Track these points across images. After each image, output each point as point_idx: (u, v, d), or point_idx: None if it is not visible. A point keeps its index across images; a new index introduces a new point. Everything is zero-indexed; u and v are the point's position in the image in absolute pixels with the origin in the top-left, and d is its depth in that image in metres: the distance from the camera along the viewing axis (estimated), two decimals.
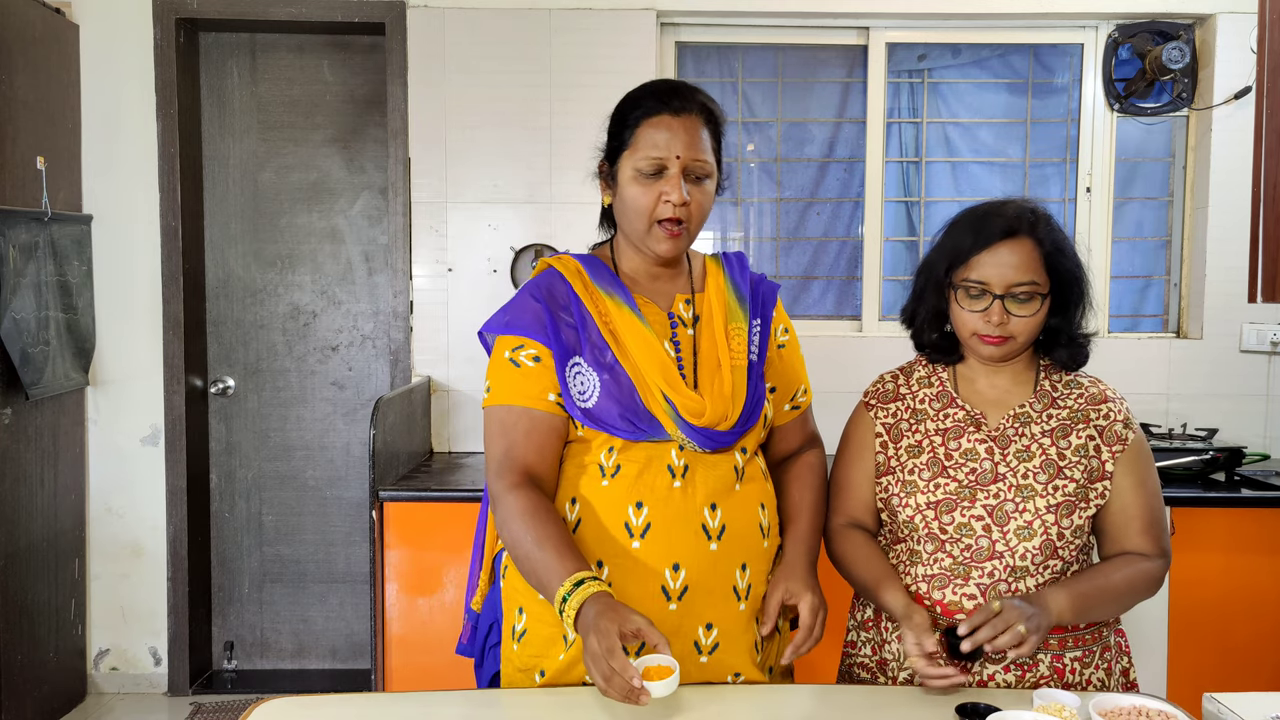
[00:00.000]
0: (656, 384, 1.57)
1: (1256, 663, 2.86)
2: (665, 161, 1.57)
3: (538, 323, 1.60)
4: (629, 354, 1.59)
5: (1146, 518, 1.64)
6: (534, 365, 1.59)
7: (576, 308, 1.62)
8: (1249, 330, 3.48)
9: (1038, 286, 1.60)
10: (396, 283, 3.56)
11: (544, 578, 1.48)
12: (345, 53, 3.71)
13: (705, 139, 1.61)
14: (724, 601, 1.59)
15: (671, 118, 1.59)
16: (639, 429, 1.56)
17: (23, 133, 3.19)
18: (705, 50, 3.67)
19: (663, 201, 1.58)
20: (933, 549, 1.64)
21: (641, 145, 1.59)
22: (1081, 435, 1.64)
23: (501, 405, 1.60)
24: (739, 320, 1.69)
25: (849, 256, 3.72)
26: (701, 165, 1.59)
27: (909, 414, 1.73)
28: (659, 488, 1.57)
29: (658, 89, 1.64)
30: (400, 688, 2.87)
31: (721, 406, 1.59)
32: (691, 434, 1.57)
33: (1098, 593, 1.59)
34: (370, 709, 1.58)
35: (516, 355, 1.60)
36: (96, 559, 3.64)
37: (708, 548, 1.57)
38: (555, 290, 1.64)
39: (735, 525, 1.60)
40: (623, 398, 1.57)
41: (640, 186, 1.59)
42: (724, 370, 1.62)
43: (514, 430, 1.59)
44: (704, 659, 1.59)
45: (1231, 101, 3.45)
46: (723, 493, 1.60)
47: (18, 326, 3.10)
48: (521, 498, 1.54)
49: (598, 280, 1.65)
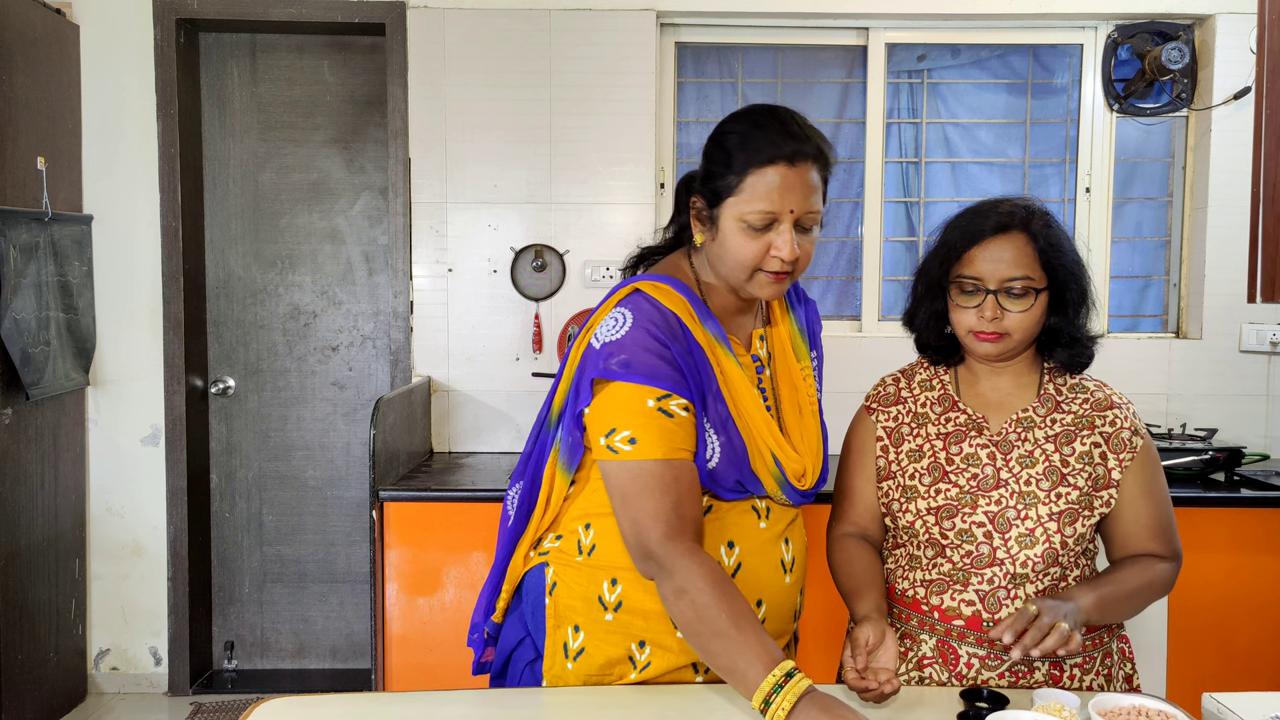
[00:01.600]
0: (768, 445, 1.52)
1: (1256, 663, 2.86)
2: (778, 215, 1.47)
3: (675, 372, 1.47)
4: (742, 412, 1.51)
5: (1157, 524, 1.63)
6: (686, 415, 1.47)
7: (699, 356, 1.50)
8: (1249, 330, 3.48)
9: (1032, 281, 1.58)
10: (397, 283, 3.56)
11: (742, 660, 1.36)
12: (345, 53, 3.71)
13: (818, 187, 1.50)
14: (786, 624, 1.64)
15: (787, 168, 1.46)
16: (744, 490, 1.53)
17: (23, 133, 3.19)
18: (705, 50, 3.67)
19: (772, 255, 1.48)
20: (933, 554, 1.63)
21: (751, 195, 1.47)
22: (1086, 442, 1.63)
23: (658, 460, 1.45)
24: (805, 358, 1.64)
25: (849, 257, 3.72)
26: (813, 217, 1.50)
27: (910, 418, 1.72)
28: (746, 526, 1.56)
29: (771, 128, 1.49)
30: (400, 688, 2.87)
31: (814, 461, 1.58)
32: (790, 494, 1.56)
33: (1117, 594, 1.58)
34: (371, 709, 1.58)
35: (667, 405, 1.46)
36: (97, 559, 3.64)
37: (783, 581, 1.60)
38: (674, 331, 1.49)
39: (799, 557, 1.64)
40: (737, 461, 1.50)
41: (746, 238, 1.48)
42: (806, 417, 1.60)
43: (678, 485, 1.45)
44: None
45: (1231, 102, 3.45)
46: (792, 528, 1.63)
47: (18, 326, 3.10)
48: (706, 567, 1.42)
49: (703, 321, 1.52)
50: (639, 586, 1.54)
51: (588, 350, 1.53)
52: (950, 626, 1.61)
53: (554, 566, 1.62)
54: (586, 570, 1.59)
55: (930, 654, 1.63)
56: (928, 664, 1.63)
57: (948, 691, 1.55)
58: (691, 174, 1.61)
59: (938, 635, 1.62)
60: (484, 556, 2.88)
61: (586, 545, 1.59)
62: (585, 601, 1.58)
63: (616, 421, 1.47)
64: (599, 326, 1.54)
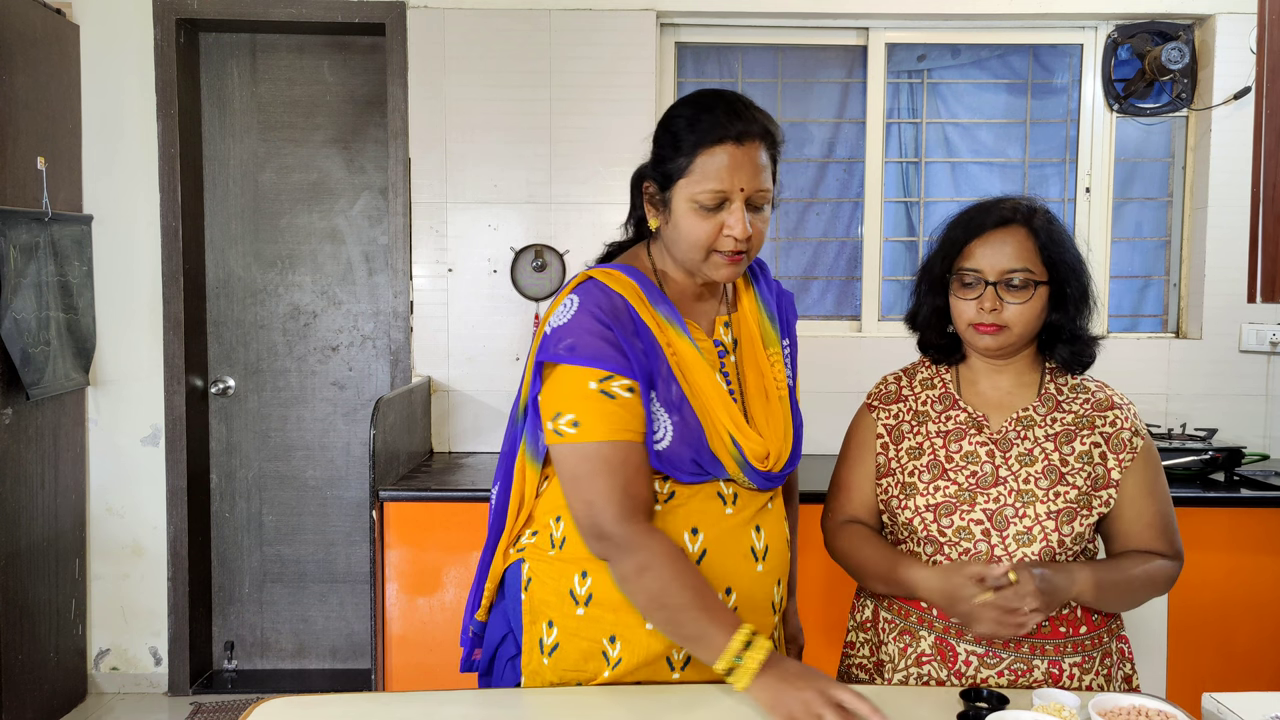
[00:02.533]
0: (725, 426, 1.52)
1: (1256, 663, 2.86)
2: (728, 194, 1.49)
3: (618, 353, 1.48)
4: (696, 392, 1.52)
5: (1159, 523, 1.64)
6: (629, 396, 1.48)
7: (645, 337, 1.51)
8: (1248, 330, 3.48)
9: (1031, 274, 1.60)
10: (396, 283, 3.56)
11: (708, 629, 1.40)
12: (345, 53, 3.71)
13: (766, 165, 1.52)
14: (765, 617, 1.60)
15: (735, 146, 1.48)
16: (703, 473, 1.52)
17: (23, 133, 3.19)
18: (705, 50, 3.67)
19: (724, 235, 1.50)
20: (931, 551, 1.64)
21: (701, 175, 1.49)
22: (1086, 442, 1.63)
23: (602, 441, 1.46)
24: (774, 344, 1.64)
25: (848, 257, 3.72)
26: (765, 194, 1.51)
27: (910, 415, 1.72)
28: (711, 513, 1.54)
29: (715, 109, 1.51)
30: (400, 688, 2.87)
31: (779, 445, 1.57)
32: (753, 477, 1.55)
33: (1118, 581, 1.59)
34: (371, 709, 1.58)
35: (608, 386, 1.47)
36: (97, 559, 3.64)
37: (755, 570, 1.57)
38: (620, 314, 1.51)
39: (774, 545, 1.61)
40: (692, 441, 1.50)
41: (699, 218, 1.50)
42: (774, 402, 1.59)
43: (626, 467, 1.47)
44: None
45: (1231, 102, 3.45)
46: (764, 516, 1.60)
47: (18, 326, 3.11)
48: (667, 542, 1.45)
49: (654, 303, 1.54)
50: (609, 579, 1.54)
51: (541, 337, 1.55)
52: (949, 624, 1.61)
53: (529, 562, 1.62)
54: (558, 564, 1.59)
55: (929, 651, 1.63)
56: (926, 661, 1.63)
57: (947, 691, 1.55)
58: (644, 166, 1.63)
59: (936, 632, 1.63)
60: None
61: (558, 539, 1.59)
62: (558, 596, 1.58)
63: (561, 405, 1.49)
64: (552, 314, 1.56)
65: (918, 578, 1.59)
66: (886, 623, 1.69)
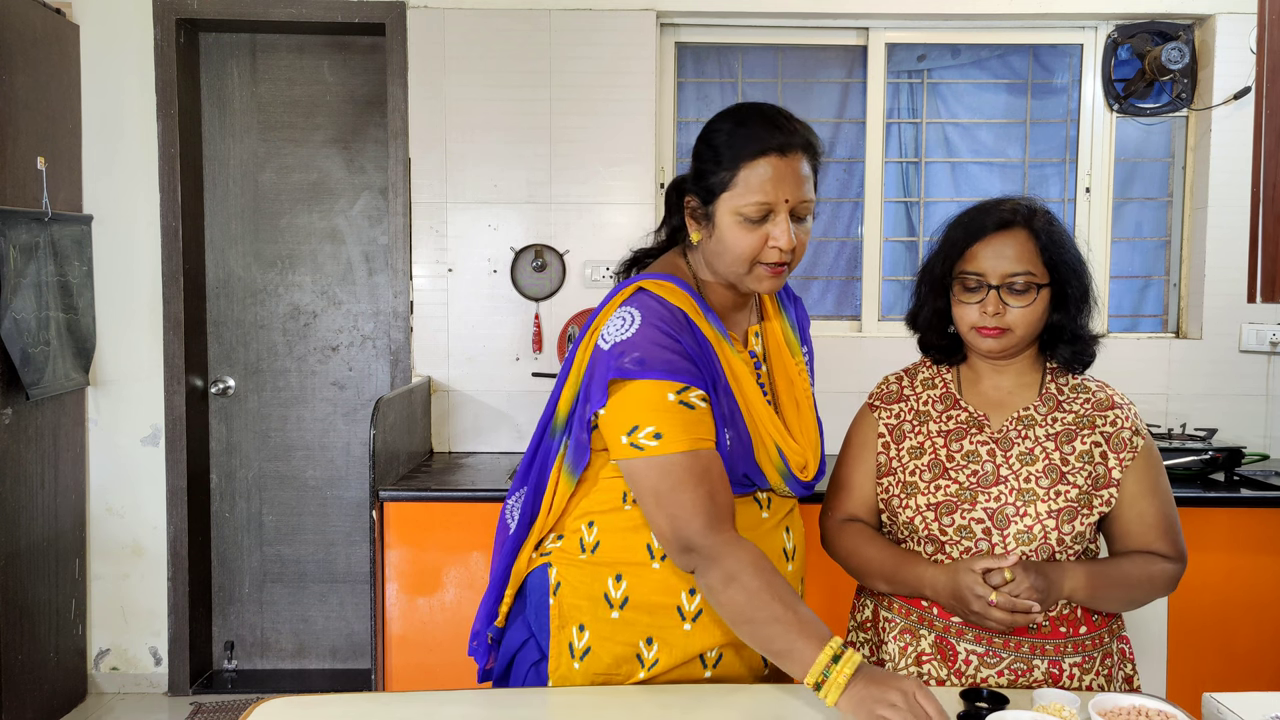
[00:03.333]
0: (771, 437, 1.53)
1: (1256, 663, 2.86)
2: (773, 206, 1.49)
3: (689, 364, 1.48)
4: (749, 405, 1.53)
5: (1161, 524, 1.64)
6: (705, 406, 1.49)
7: (705, 349, 1.51)
8: (1248, 330, 3.48)
9: (1034, 277, 1.60)
10: (397, 283, 3.56)
11: (798, 641, 1.38)
12: (345, 53, 3.71)
13: (809, 176, 1.53)
14: None
15: (778, 158, 1.49)
16: (750, 484, 1.54)
17: (23, 133, 3.19)
18: (705, 50, 3.67)
19: (770, 247, 1.50)
20: (932, 550, 1.64)
21: (745, 189, 1.49)
22: (1086, 441, 1.63)
23: (685, 452, 1.46)
24: (798, 352, 1.67)
25: (849, 257, 3.72)
26: (807, 206, 1.52)
27: (912, 415, 1.73)
28: (749, 517, 1.56)
29: (758, 122, 1.52)
30: (400, 688, 2.87)
31: (815, 453, 1.59)
32: (794, 486, 1.58)
33: (1113, 580, 1.60)
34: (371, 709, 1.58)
35: (686, 397, 1.47)
36: (97, 559, 3.64)
37: (786, 570, 1.61)
38: (682, 327, 1.51)
39: (800, 545, 1.65)
40: (744, 455, 1.51)
41: (744, 231, 1.50)
42: (804, 410, 1.61)
43: (711, 475, 1.47)
44: (765, 670, 1.64)
45: (1231, 102, 3.45)
46: (792, 518, 1.65)
47: (18, 326, 3.11)
48: (754, 552, 1.45)
49: (707, 317, 1.54)
50: (645, 582, 1.55)
51: (596, 352, 1.53)
52: (949, 623, 1.61)
53: (557, 566, 1.62)
54: (590, 568, 1.59)
55: (929, 650, 1.63)
56: (926, 660, 1.63)
57: (947, 691, 1.55)
58: (683, 176, 1.62)
59: (936, 631, 1.63)
60: (484, 557, 2.88)
61: (590, 543, 1.60)
62: (590, 600, 1.58)
63: (639, 419, 1.47)
64: (605, 327, 1.53)
65: (925, 577, 1.60)
66: (887, 622, 1.69)
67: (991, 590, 1.50)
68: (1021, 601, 1.50)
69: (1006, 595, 1.50)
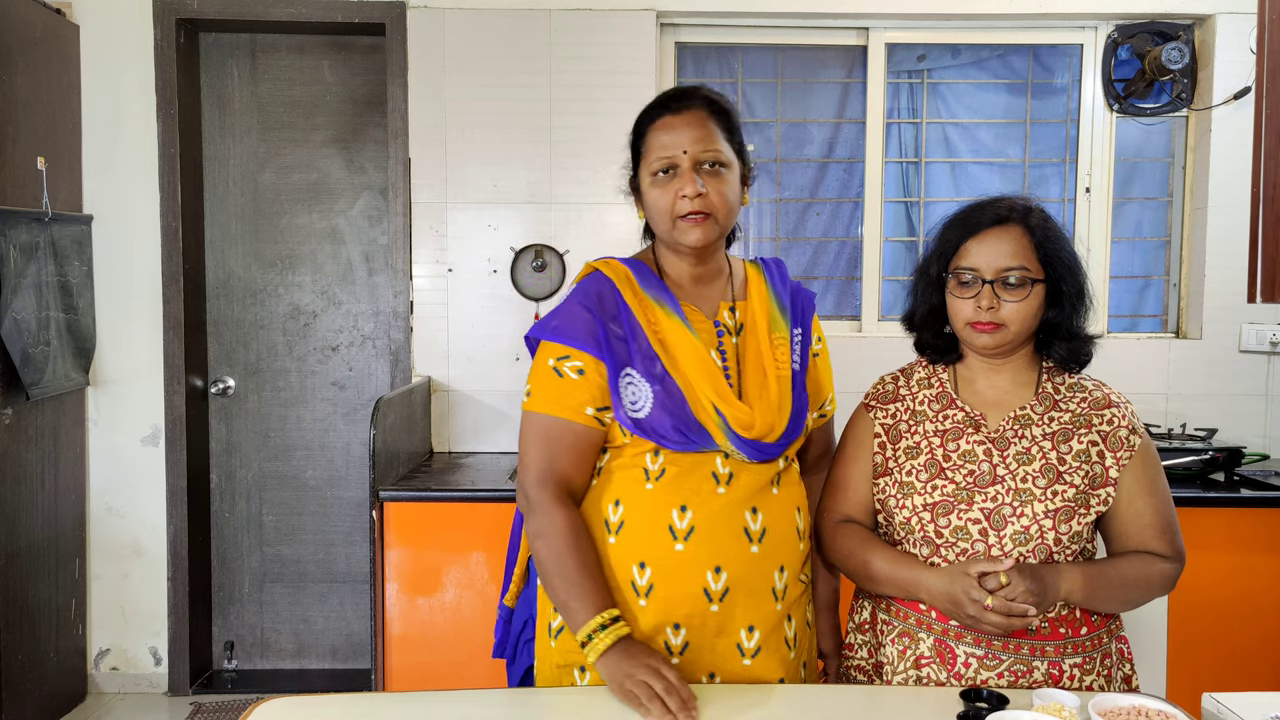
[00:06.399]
0: (707, 396, 1.58)
1: (1256, 663, 2.86)
2: (674, 159, 1.60)
3: (589, 333, 1.61)
4: (679, 365, 1.60)
5: (1159, 523, 1.64)
6: (578, 378, 1.61)
7: (626, 317, 1.63)
8: (1248, 330, 3.48)
9: (1028, 272, 1.60)
10: (396, 283, 3.56)
11: (575, 604, 1.53)
12: (345, 53, 3.71)
13: (715, 130, 1.62)
14: (764, 603, 1.62)
15: (673, 117, 1.62)
16: (690, 440, 1.58)
17: (23, 133, 3.19)
18: (705, 50, 3.67)
19: (679, 197, 1.60)
20: (928, 552, 1.63)
21: (652, 149, 1.63)
22: (1083, 440, 1.63)
23: (544, 414, 1.62)
24: (782, 329, 1.71)
25: (849, 257, 3.72)
26: (713, 154, 1.61)
27: (908, 415, 1.72)
28: (703, 492, 1.60)
29: (662, 96, 1.68)
30: (400, 688, 2.87)
31: (770, 418, 1.61)
32: (741, 446, 1.59)
33: (1110, 581, 1.59)
34: (371, 709, 1.58)
35: (561, 365, 1.62)
36: (97, 559, 3.64)
37: (749, 550, 1.60)
38: (605, 298, 1.64)
39: (775, 528, 1.63)
40: (675, 409, 1.58)
41: (658, 189, 1.62)
42: (770, 380, 1.64)
43: (558, 443, 1.61)
44: (748, 662, 1.62)
45: (1231, 102, 3.45)
46: (763, 498, 1.63)
47: (18, 326, 3.11)
48: (564, 516, 1.58)
49: (646, 287, 1.65)
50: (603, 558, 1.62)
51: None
52: (947, 626, 1.61)
53: None
54: None
55: (928, 653, 1.63)
56: (925, 663, 1.63)
57: (947, 691, 1.55)
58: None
59: (935, 634, 1.62)
60: (484, 557, 2.88)
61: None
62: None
63: (530, 375, 1.67)
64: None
65: (921, 580, 1.59)
66: (884, 624, 1.69)
67: (987, 594, 1.50)
68: (1017, 605, 1.49)
69: (1002, 599, 1.50)
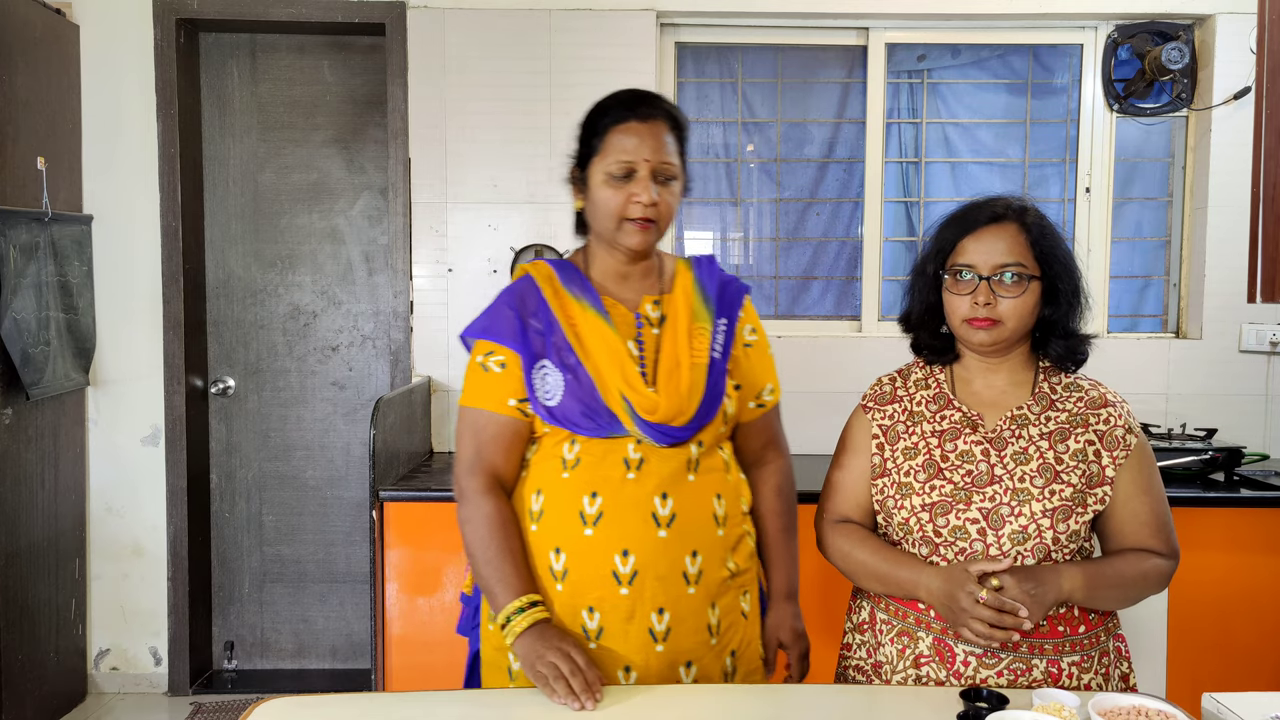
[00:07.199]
0: (615, 383, 1.66)
1: (1256, 663, 2.86)
2: (635, 165, 1.66)
3: (508, 329, 1.71)
4: (590, 355, 1.68)
5: (1155, 521, 1.64)
6: (500, 371, 1.71)
7: (544, 313, 1.72)
8: (1248, 330, 3.48)
9: (1024, 268, 1.61)
10: (396, 283, 3.57)
11: (497, 588, 1.64)
12: (345, 53, 3.71)
13: (671, 144, 1.70)
14: (674, 586, 1.66)
15: (639, 124, 1.68)
16: (599, 425, 1.65)
17: (23, 133, 3.19)
18: (705, 50, 3.67)
19: (633, 202, 1.67)
20: (927, 552, 1.64)
21: (611, 150, 1.67)
22: (1080, 440, 1.64)
23: (472, 408, 1.73)
24: (704, 320, 1.76)
25: (849, 257, 3.72)
26: (668, 168, 1.69)
27: (905, 416, 1.73)
28: (613, 479, 1.66)
29: (624, 97, 1.73)
30: (400, 688, 2.87)
31: (676, 403, 1.66)
32: (647, 430, 1.65)
33: (1109, 579, 1.59)
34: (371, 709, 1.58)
35: (486, 360, 1.72)
36: (97, 559, 3.64)
37: (656, 534, 1.65)
38: (526, 297, 1.74)
39: (686, 514, 1.67)
40: (584, 396, 1.66)
41: (611, 189, 1.68)
42: (683, 369, 1.70)
43: (483, 433, 1.72)
44: (660, 647, 1.65)
45: (1231, 102, 3.45)
46: (674, 483, 1.67)
47: (18, 326, 3.11)
48: (489, 504, 1.69)
49: (567, 284, 1.74)
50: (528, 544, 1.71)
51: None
52: (946, 624, 1.61)
53: None
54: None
55: (927, 652, 1.63)
56: (925, 662, 1.63)
57: (947, 691, 1.55)
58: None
59: (934, 633, 1.62)
60: None
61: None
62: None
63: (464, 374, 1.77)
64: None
65: (920, 579, 1.60)
66: (883, 624, 1.69)
67: (983, 589, 1.51)
68: (1009, 602, 1.50)
69: (995, 595, 1.50)
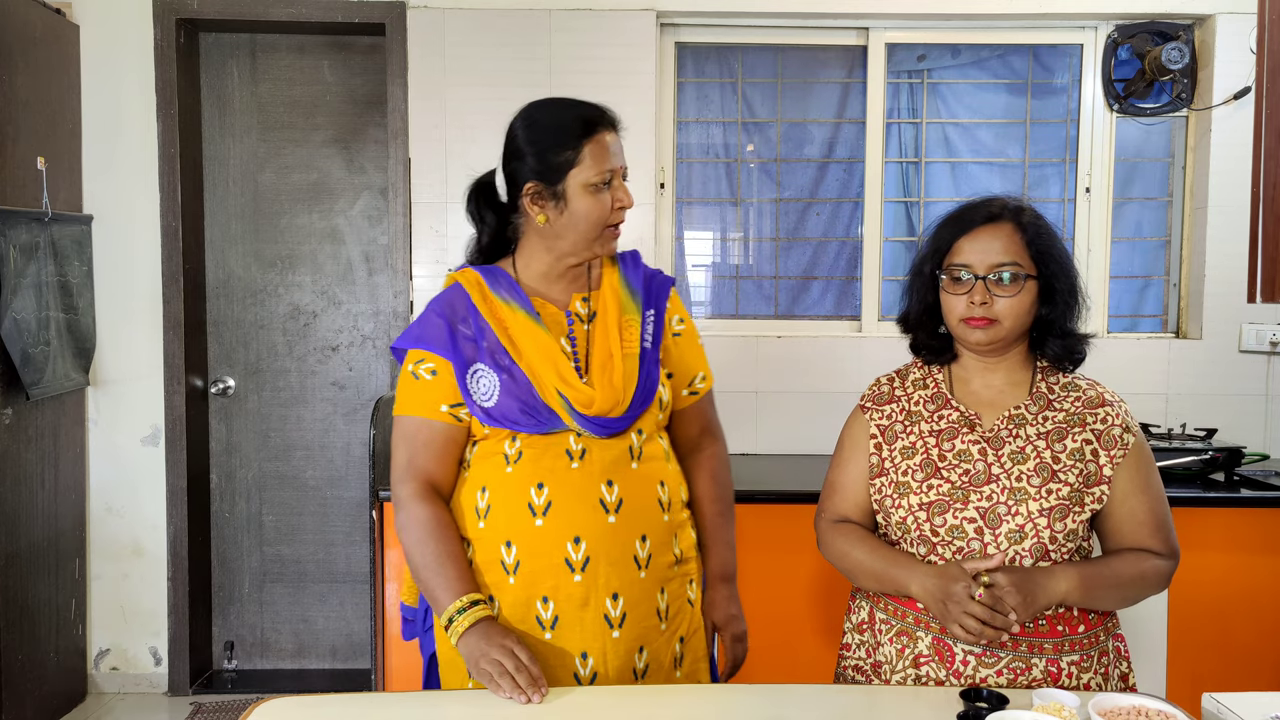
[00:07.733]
0: (551, 380, 1.69)
1: (1256, 663, 2.86)
2: (616, 173, 1.73)
3: (438, 336, 1.73)
4: (524, 355, 1.72)
5: (1153, 521, 1.64)
6: (431, 378, 1.73)
7: (475, 319, 1.74)
8: (1248, 330, 3.48)
9: (1020, 268, 1.61)
10: (396, 283, 3.57)
11: (438, 590, 1.65)
12: (345, 53, 3.71)
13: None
14: (626, 571, 1.69)
15: (609, 133, 1.74)
16: (540, 422, 1.69)
17: (23, 133, 3.19)
18: (705, 50, 3.67)
19: (617, 209, 1.73)
20: (925, 551, 1.64)
21: (592, 161, 1.71)
22: (1077, 439, 1.64)
23: (405, 415, 1.75)
24: (632, 313, 1.80)
25: (848, 257, 3.72)
26: (627, 172, 1.78)
27: (903, 416, 1.73)
28: (558, 469, 1.69)
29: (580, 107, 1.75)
30: (400, 688, 2.87)
31: (612, 395, 1.70)
32: (585, 423, 1.68)
33: (1106, 579, 1.59)
34: (371, 709, 1.58)
35: (417, 369, 1.74)
36: (97, 559, 3.64)
37: (606, 520, 1.68)
38: (455, 304, 1.76)
39: (632, 500, 1.71)
40: (521, 394, 1.69)
41: (594, 198, 1.71)
42: (615, 360, 1.73)
43: (415, 440, 1.73)
44: (616, 633, 1.68)
45: (1231, 102, 3.45)
46: (619, 471, 1.72)
47: (18, 326, 3.11)
48: (423, 509, 1.70)
49: (496, 289, 1.77)
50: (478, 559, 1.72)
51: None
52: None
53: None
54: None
55: (927, 651, 1.63)
56: (924, 662, 1.63)
57: (946, 691, 1.55)
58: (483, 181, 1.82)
59: (933, 633, 1.62)
60: None
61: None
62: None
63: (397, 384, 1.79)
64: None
65: (911, 576, 1.60)
66: (882, 624, 1.69)
67: (979, 587, 1.51)
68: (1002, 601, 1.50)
69: (990, 593, 1.50)
